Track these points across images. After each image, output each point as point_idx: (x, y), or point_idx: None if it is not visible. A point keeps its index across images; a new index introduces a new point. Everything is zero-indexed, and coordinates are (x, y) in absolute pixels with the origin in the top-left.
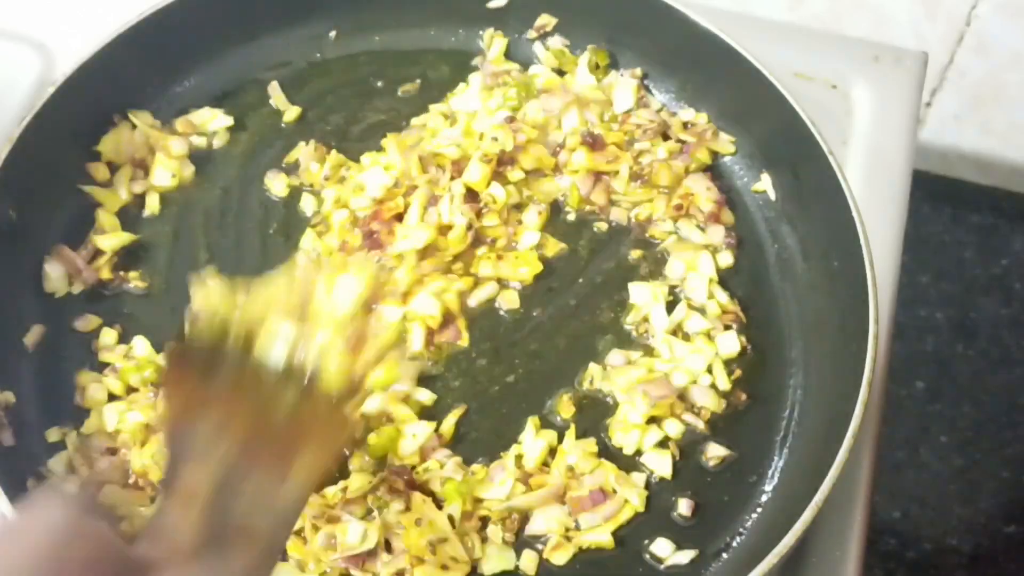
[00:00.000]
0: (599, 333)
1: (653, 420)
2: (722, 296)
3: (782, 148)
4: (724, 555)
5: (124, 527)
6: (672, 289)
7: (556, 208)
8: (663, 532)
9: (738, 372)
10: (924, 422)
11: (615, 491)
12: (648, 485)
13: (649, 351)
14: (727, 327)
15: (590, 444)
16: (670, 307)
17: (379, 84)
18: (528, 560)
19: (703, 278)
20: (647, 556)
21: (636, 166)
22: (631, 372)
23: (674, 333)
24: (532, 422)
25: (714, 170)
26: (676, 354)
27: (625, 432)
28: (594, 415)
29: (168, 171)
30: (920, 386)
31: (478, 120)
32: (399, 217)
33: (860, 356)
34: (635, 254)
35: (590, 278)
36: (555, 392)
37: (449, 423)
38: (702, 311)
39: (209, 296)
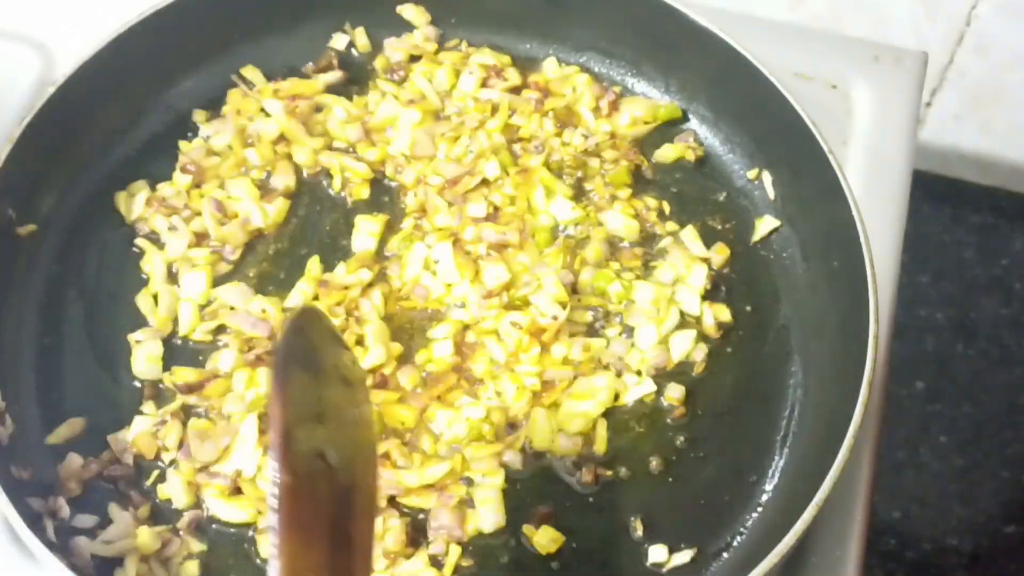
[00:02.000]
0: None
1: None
2: (709, 314)
3: (782, 148)
4: (724, 555)
5: None
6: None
7: None
8: (661, 535)
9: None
10: (924, 422)
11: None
12: (648, 485)
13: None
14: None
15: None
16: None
17: None
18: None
19: (694, 290)
20: (647, 558)
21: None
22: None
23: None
24: None
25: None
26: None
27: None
28: None
29: None
30: (920, 386)
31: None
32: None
33: (860, 356)
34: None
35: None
36: None
37: None
38: (695, 319)
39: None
